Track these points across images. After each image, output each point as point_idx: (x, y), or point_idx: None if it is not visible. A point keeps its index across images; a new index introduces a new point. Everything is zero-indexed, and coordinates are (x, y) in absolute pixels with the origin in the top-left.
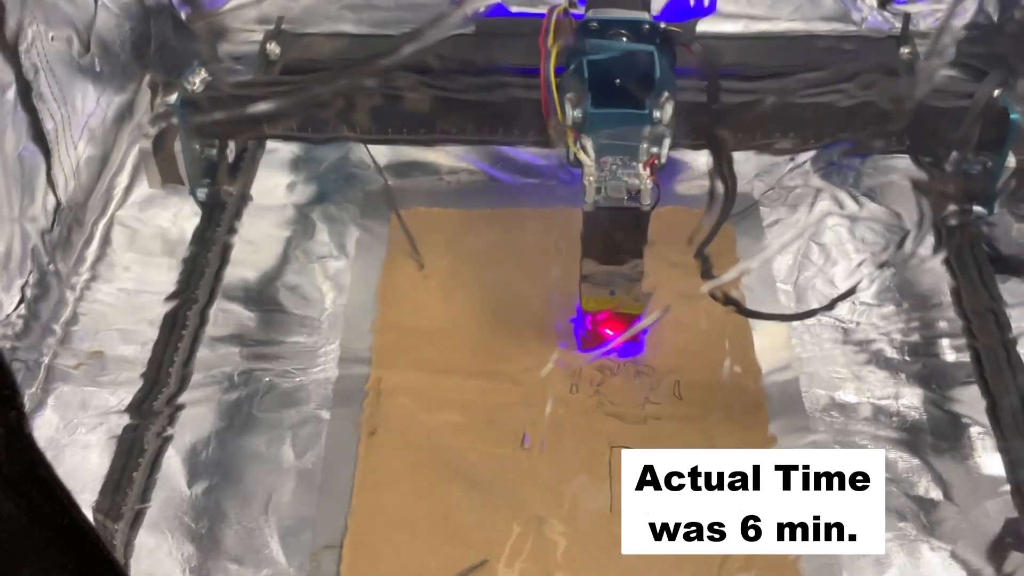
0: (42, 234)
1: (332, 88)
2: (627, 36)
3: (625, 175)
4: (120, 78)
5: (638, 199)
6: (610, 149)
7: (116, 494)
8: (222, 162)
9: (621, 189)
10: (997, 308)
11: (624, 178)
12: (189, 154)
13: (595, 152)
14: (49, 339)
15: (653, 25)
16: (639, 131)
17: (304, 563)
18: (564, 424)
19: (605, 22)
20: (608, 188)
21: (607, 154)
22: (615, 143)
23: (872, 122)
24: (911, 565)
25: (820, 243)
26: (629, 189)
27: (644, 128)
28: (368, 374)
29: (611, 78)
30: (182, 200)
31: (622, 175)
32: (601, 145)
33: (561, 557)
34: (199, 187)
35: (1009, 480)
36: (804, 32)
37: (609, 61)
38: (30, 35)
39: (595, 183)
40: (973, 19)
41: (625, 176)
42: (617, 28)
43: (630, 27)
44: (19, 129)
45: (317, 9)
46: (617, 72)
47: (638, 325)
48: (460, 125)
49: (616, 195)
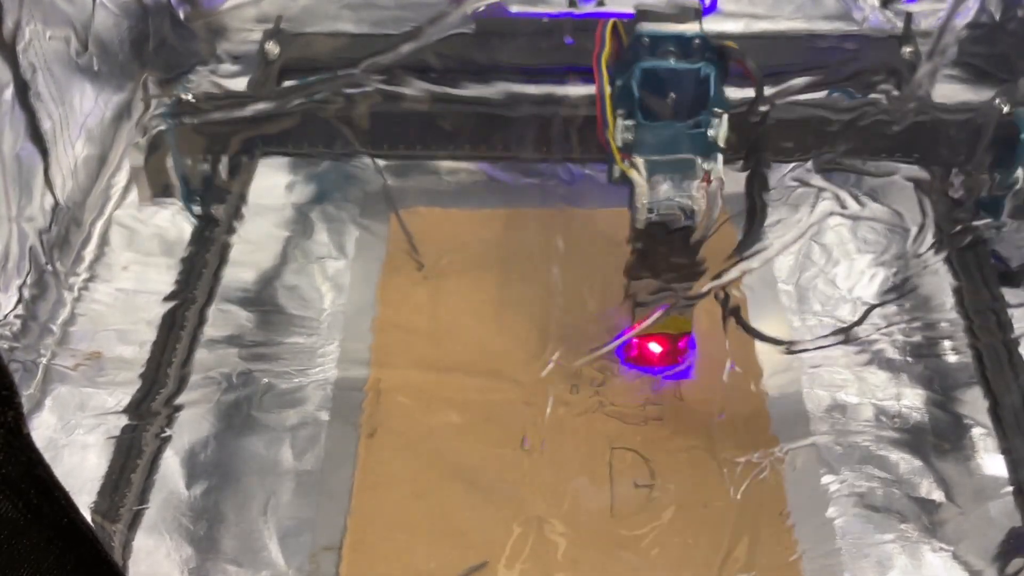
0: (40, 234)
1: (333, 86)
2: (677, 52)
3: (678, 195)
4: (118, 77)
5: (692, 219)
6: (662, 167)
7: (114, 495)
8: (216, 174)
9: (675, 208)
10: (999, 308)
11: (677, 198)
12: (182, 165)
13: (646, 171)
14: (47, 339)
15: (704, 40)
16: (694, 147)
17: (303, 564)
18: (564, 424)
19: (656, 38)
20: (660, 208)
21: (659, 172)
22: (668, 160)
23: (874, 129)
24: (913, 566)
25: (822, 243)
26: (684, 208)
27: (699, 145)
28: (367, 375)
29: (663, 95)
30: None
31: (675, 195)
32: (653, 163)
33: (562, 557)
34: (193, 199)
35: (1011, 481)
36: (805, 31)
37: (661, 77)
38: (28, 34)
39: (647, 203)
40: (975, 18)
41: (678, 196)
42: (668, 44)
43: (681, 43)
44: (17, 128)
45: (316, 8)
46: (669, 88)
47: (641, 327)
48: (461, 133)
49: (670, 215)
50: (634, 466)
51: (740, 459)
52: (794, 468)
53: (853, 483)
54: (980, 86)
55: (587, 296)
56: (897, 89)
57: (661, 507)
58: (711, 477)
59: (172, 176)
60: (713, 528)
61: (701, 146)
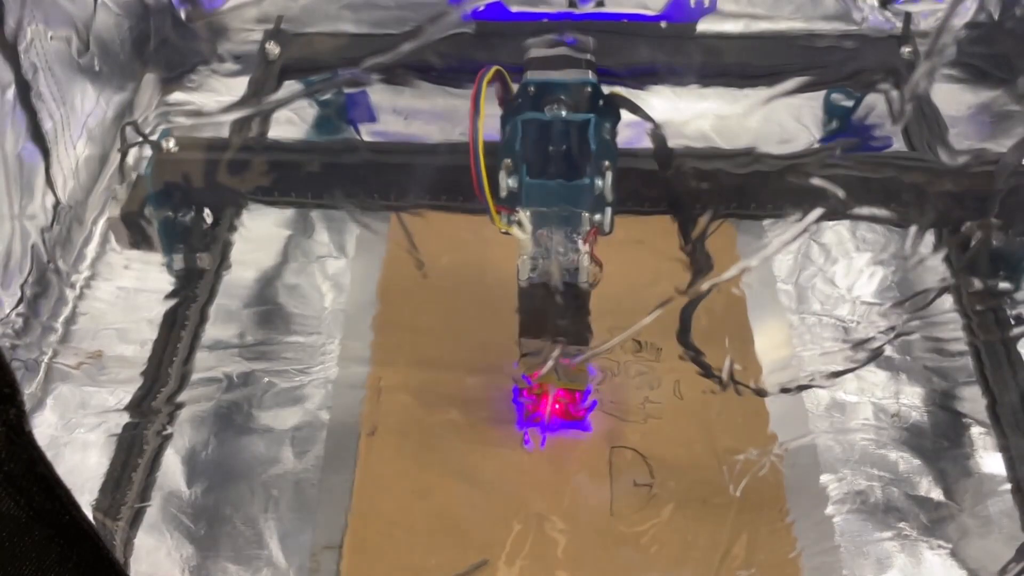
0: (42, 232)
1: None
2: (566, 102)
3: (565, 249)
4: (119, 77)
5: (576, 276)
6: (547, 219)
7: (116, 493)
8: (196, 228)
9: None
10: (997, 307)
11: (562, 253)
12: (162, 221)
13: (531, 224)
14: (49, 337)
15: (596, 89)
16: (580, 201)
17: (304, 563)
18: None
19: (543, 85)
20: (541, 267)
21: (544, 225)
22: (554, 213)
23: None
24: (911, 564)
25: (821, 242)
26: (567, 267)
27: (585, 198)
28: (368, 373)
29: (546, 146)
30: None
31: (561, 249)
32: (538, 215)
33: (562, 554)
34: (174, 254)
35: (1010, 478)
36: (805, 31)
37: (545, 129)
38: (29, 34)
39: (529, 259)
40: (974, 18)
41: (563, 250)
42: (557, 93)
43: (570, 91)
44: (18, 128)
45: (317, 8)
46: (553, 140)
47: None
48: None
49: (549, 274)
50: (634, 464)
51: (739, 457)
52: (793, 466)
53: (852, 481)
54: (979, 86)
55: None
56: (896, 89)
57: (660, 504)
58: (710, 474)
59: (152, 232)
60: (712, 525)
61: (588, 199)
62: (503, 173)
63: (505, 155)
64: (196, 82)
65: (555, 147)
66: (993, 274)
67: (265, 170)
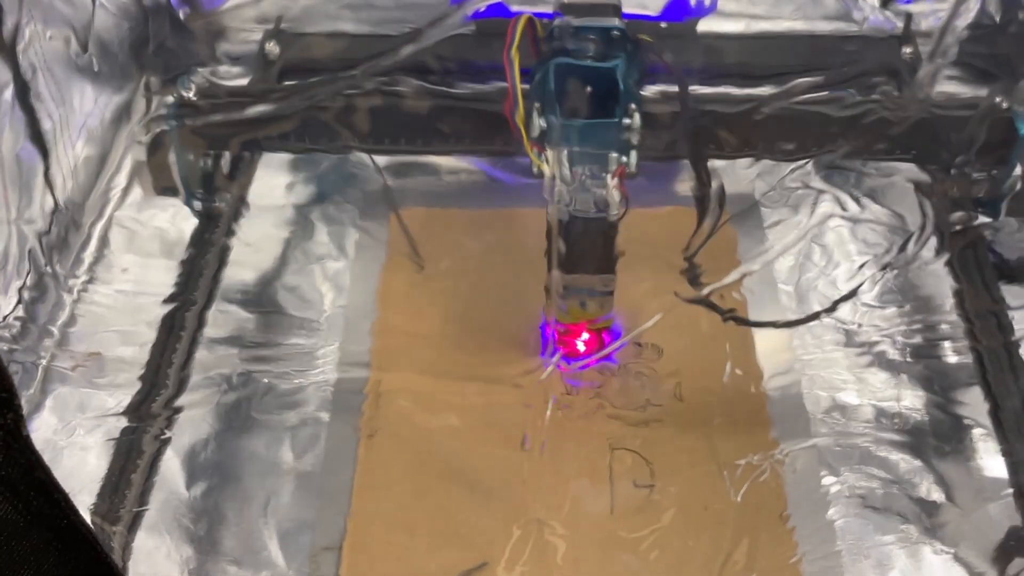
0: (39, 236)
1: (331, 89)
2: (595, 44)
3: (593, 185)
4: (118, 78)
5: (606, 210)
6: (578, 159)
7: (114, 497)
8: (217, 171)
9: (588, 201)
10: (999, 311)
11: (592, 188)
12: (184, 163)
13: (561, 164)
14: (46, 341)
15: (623, 33)
16: (607, 141)
17: (303, 565)
18: (564, 426)
19: (574, 30)
20: (576, 200)
21: (575, 164)
22: (583, 152)
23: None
24: (913, 567)
25: (822, 244)
26: (596, 201)
27: (613, 138)
28: (367, 377)
29: (578, 88)
30: (180, 202)
31: (590, 185)
32: (569, 154)
33: (561, 560)
34: (194, 197)
35: (1012, 483)
36: (805, 32)
37: (576, 72)
38: (28, 35)
39: (561, 196)
40: (976, 19)
41: (593, 187)
42: (586, 36)
43: (599, 35)
44: (17, 129)
45: (316, 9)
46: (584, 82)
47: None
48: (460, 131)
49: (583, 207)
50: (634, 468)
51: (740, 461)
52: (794, 470)
53: (853, 484)
54: (981, 87)
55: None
56: (898, 91)
57: (661, 509)
58: (711, 479)
59: (174, 174)
60: (713, 530)
61: (616, 140)
62: (535, 114)
63: (537, 97)
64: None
65: (586, 90)
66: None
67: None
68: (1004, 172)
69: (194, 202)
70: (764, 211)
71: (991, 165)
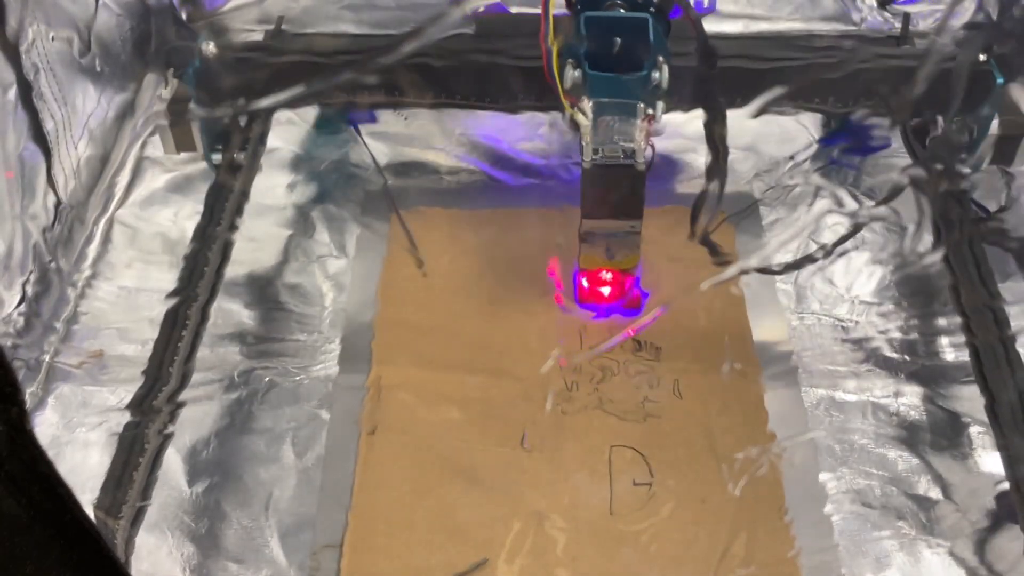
0: (43, 232)
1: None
2: (622, 6)
3: (621, 136)
4: (121, 78)
5: (634, 159)
6: (608, 109)
7: (117, 492)
8: (234, 129)
9: (617, 150)
10: (996, 306)
11: (620, 140)
12: (203, 122)
13: (593, 113)
14: (50, 337)
15: None
16: (636, 92)
17: (304, 562)
18: (564, 422)
19: None
20: (605, 148)
21: (605, 114)
22: (613, 103)
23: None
24: (910, 563)
25: (819, 241)
26: (625, 150)
27: (641, 90)
28: (368, 372)
29: (608, 43)
30: (183, 199)
31: (618, 136)
32: (599, 105)
33: (561, 553)
34: (212, 153)
35: (1008, 478)
36: (804, 32)
37: (606, 27)
38: (31, 35)
39: (592, 143)
40: (972, 18)
41: (621, 138)
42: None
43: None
44: (20, 129)
45: (317, 9)
46: (614, 36)
47: (639, 320)
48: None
49: (612, 155)
50: (633, 463)
51: (738, 456)
52: (792, 465)
53: (851, 480)
54: None
55: None
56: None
57: (660, 503)
58: (709, 474)
59: (194, 130)
60: (711, 524)
61: (644, 91)
62: (569, 67)
63: (567, 54)
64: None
65: (616, 42)
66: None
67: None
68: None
69: (212, 156)
70: (762, 209)
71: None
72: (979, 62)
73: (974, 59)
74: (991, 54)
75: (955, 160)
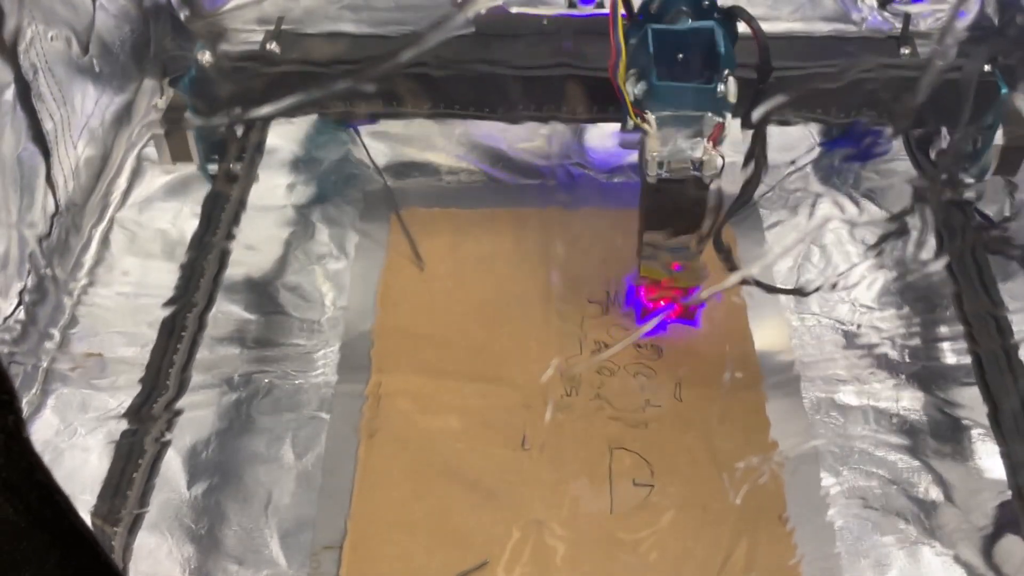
0: (39, 240)
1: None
2: (688, 13)
3: (689, 148)
4: (119, 79)
5: (701, 171)
6: (674, 121)
7: (115, 499)
8: (231, 139)
9: (686, 161)
10: (998, 313)
11: (688, 151)
12: (199, 131)
13: (658, 125)
14: (47, 344)
15: (712, 2)
16: (704, 104)
17: (304, 564)
18: (564, 427)
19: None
20: (672, 161)
21: (669, 127)
22: (679, 115)
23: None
24: (912, 567)
25: (820, 246)
26: (692, 161)
27: (708, 101)
28: (368, 378)
29: (675, 53)
30: (181, 202)
31: (685, 148)
32: (665, 118)
33: (561, 561)
34: (208, 163)
35: (1010, 485)
36: (804, 32)
37: (673, 36)
38: (29, 36)
39: (657, 157)
40: (974, 21)
41: (689, 149)
42: (678, 7)
43: (690, 5)
44: (18, 130)
45: (317, 10)
46: (681, 47)
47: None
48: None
49: (680, 167)
50: (634, 469)
51: (740, 464)
52: (794, 472)
53: (853, 485)
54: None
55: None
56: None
57: (660, 510)
58: (711, 480)
59: (190, 140)
60: (712, 531)
61: (711, 103)
62: (632, 80)
63: (632, 64)
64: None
65: (682, 54)
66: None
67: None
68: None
69: (208, 166)
70: (763, 212)
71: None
72: (984, 72)
73: (980, 70)
74: (996, 64)
75: (959, 170)
